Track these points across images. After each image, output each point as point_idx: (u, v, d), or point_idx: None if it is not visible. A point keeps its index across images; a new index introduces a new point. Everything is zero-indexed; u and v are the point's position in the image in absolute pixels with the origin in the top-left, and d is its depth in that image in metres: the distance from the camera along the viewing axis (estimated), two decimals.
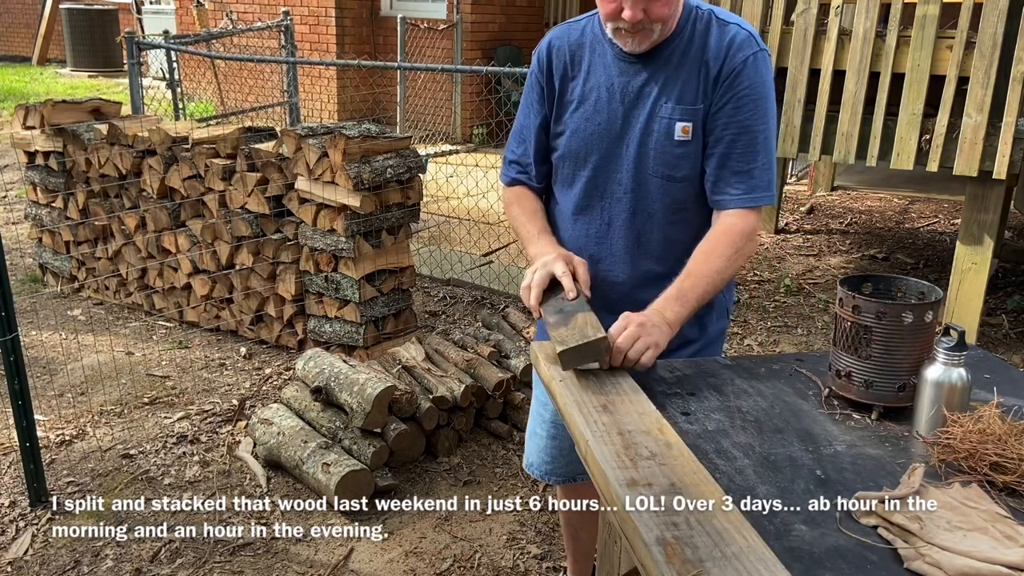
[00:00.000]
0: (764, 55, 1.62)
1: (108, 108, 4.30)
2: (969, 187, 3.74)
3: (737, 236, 1.62)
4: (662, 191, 1.67)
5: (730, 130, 1.61)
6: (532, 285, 1.60)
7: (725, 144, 1.62)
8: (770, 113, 1.64)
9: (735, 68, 1.59)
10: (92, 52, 12.24)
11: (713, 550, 1.04)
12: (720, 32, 1.62)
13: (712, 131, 1.63)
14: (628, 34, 1.59)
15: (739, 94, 1.60)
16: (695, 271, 1.59)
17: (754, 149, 1.62)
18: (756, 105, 1.61)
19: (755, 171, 1.62)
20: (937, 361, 1.35)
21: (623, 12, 1.55)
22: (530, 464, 2.03)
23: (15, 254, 4.86)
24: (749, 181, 1.62)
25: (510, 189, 1.86)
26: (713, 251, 1.61)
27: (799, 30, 3.89)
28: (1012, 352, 3.96)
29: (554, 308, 1.58)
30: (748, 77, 1.60)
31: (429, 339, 3.48)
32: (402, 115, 7.87)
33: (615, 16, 1.57)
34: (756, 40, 1.62)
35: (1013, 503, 1.17)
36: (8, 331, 2.54)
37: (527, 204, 1.82)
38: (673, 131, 1.63)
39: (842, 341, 1.45)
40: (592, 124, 1.69)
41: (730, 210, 1.64)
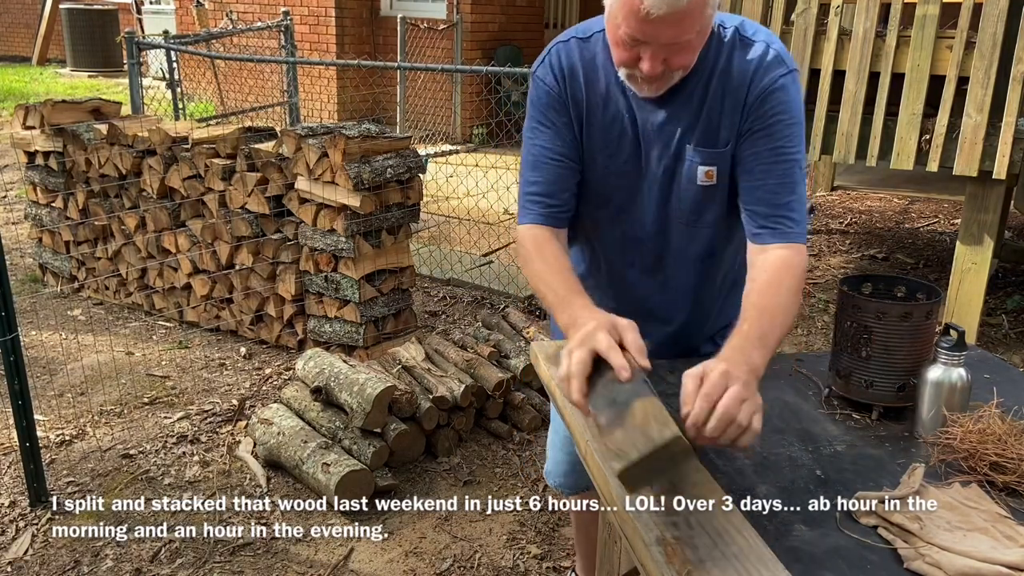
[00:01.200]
0: (794, 76, 1.47)
1: (108, 108, 4.30)
2: (969, 187, 3.74)
3: (799, 270, 1.43)
4: (688, 235, 1.57)
5: (765, 160, 1.46)
6: (571, 375, 1.22)
7: (760, 175, 1.46)
8: (802, 140, 1.49)
9: (763, 92, 1.44)
10: (92, 52, 12.24)
11: (713, 550, 1.04)
12: (743, 53, 1.45)
13: (742, 161, 1.48)
14: (644, 82, 1.41)
15: (769, 120, 1.45)
16: (769, 308, 1.34)
17: (792, 179, 1.46)
18: (790, 130, 1.46)
19: (794, 204, 1.46)
20: (937, 361, 1.35)
21: (641, 63, 1.37)
22: (548, 472, 2.01)
23: (15, 254, 4.86)
24: (792, 214, 1.45)
25: (529, 234, 1.55)
26: (780, 286, 1.39)
27: (799, 30, 3.89)
28: (1012, 352, 3.96)
29: (605, 401, 1.19)
30: (779, 102, 1.45)
31: (429, 339, 3.48)
32: (402, 115, 7.87)
33: (631, 65, 1.39)
34: (784, 59, 1.47)
35: (1013, 503, 1.17)
36: (8, 331, 2.54)
37: (551, 257, 1.51)
38: (696, 175, 1.50)
39: (842, 341, 1.45)
40: (614, 163, 1.53)
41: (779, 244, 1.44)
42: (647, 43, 1.33)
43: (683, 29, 1.32)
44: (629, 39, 1.34)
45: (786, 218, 1.45)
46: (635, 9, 1.29)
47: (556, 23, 10.15)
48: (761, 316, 1.32)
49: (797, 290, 1.40)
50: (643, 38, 1.33)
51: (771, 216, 1.45)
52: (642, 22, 1.30)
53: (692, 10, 1.30)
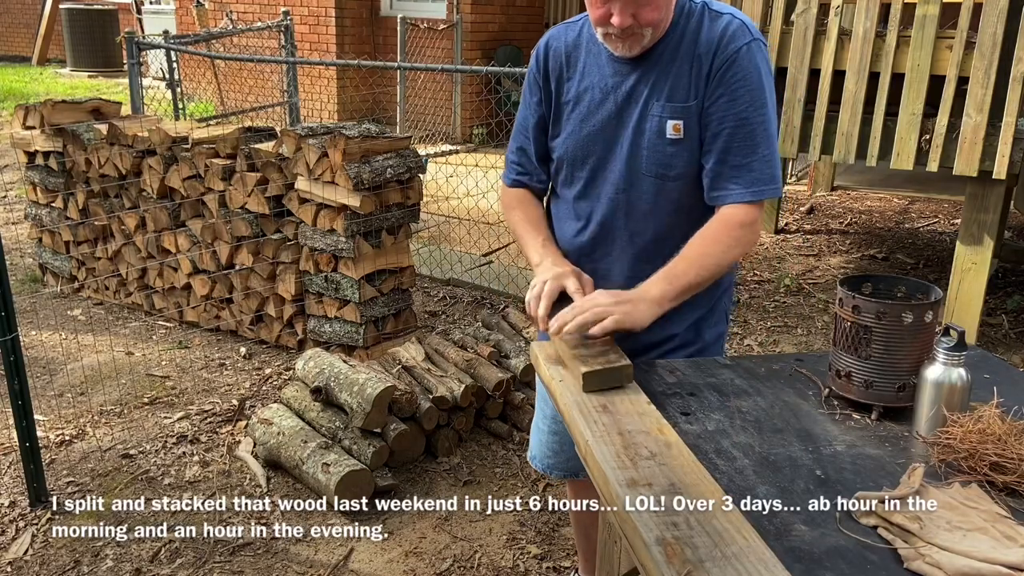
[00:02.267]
0: (758, 44, 1.58)
1: (108, 108, 4.30)
2: (969, 187, 3.74)
3: (736, 226, 1.58)
4: (656, 190, 1.65)
5: (726, 124, 1.57)
6: (543, 295, 1.56)
7: (722, 139, 1.58)
8: (768, 103, 1.59)
9: (727, 59, 1.55)
10: (92, 52, 12.25)
11: (713, 550, 1.04)
12: (711, 23, 1.58)
13: (708, 126, 1.59)
14: (618, 39, 1.56)
15: (733, 86, 1.55)
16: (688, 255, 1.56)
17: (753, 141, 1.57)
18: (752, 96, 1.56)
19: (755, 163, 1.57)
20: (937, 361, 1.35)
21: (612, 18, 1.52)
22: (533, 457, 2.03)
23: (15, 254, 4.86)
24: (749, 174, 1.58)
25: (511, 191, 1.83)
26: (709, 238, 1.58)
27: (799, 30, 3.89)
28: (1012, 352, 3.96)
29: None
30: (741, 68, 1.55)
31: (429, 339, 3.48)
32: (402, 115, 7.87)
33: (604, 21, 1.54)
34: (749, 29, 1.58)
35: (1013, 503, 1.17)
36: (8, 331, 2.54)
37: (529, 210, 1.79)
38: (664, 129, 1.60)
39: (842, 341, 1.45)
40: (587, 126, 1.68)
41: (731, 203, 1.59)
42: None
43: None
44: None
45: (740, 178, 1.58)
46: None
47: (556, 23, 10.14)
48: (678, 261, 1.56)
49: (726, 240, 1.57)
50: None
51: (724, 176, 1.59)
52: None
53: None
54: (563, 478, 2.03)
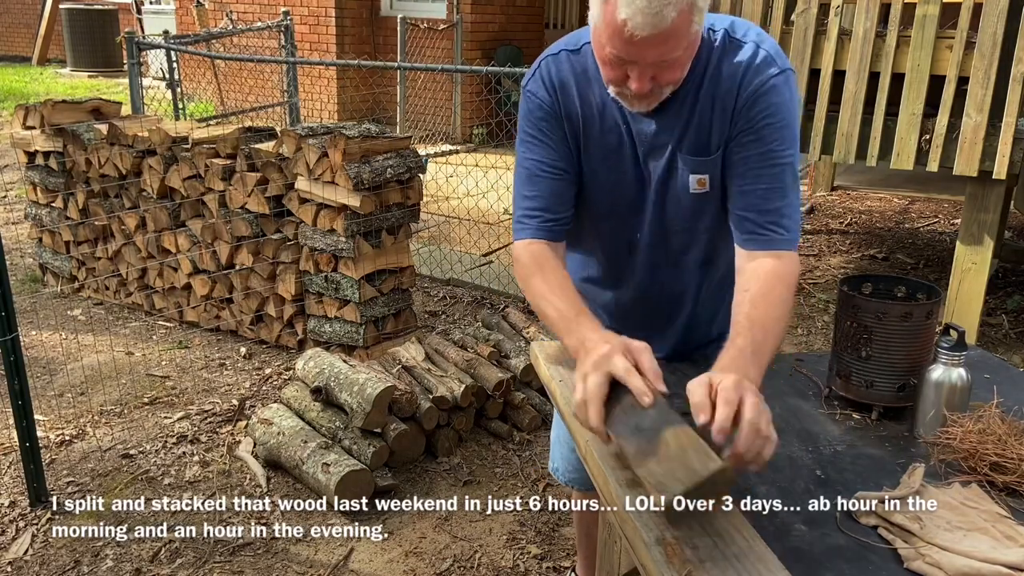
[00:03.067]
0: (786, 76, 1.42)
1: (108, 108, 4.30)
2: (969, 187, 3.74)
3: (790, 279, 1.40)
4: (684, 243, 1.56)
5: (754, 164, 1.42)
6: (588, 400, 1.20)
7: (749, 179, 1.43)
8: (795, 143, 1.45)
9: (751, 97, 1.40)
10: (92, 52, 12.24)
11: (713, 550, 1.04)
12: (732, 56, 1.42)
13: (733, 166, 1.45)
14: (634, 98, 1.39)
15: (758, 124, 1.41)
16: (761, 320, 1.32)
17: (783, 183, 1.43)
18: (780, 134, 1.41)
19: (785, 209, 1.43)
20: (937, 361, 1.35)
21: (629, 82, 1.35)
22: (555, 469, 2.00)
23: (15, 254, 4.86)
24: (783, 220, 1.42)
25: (527, 251, 1.54)
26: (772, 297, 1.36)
27: (799, 30, 3.89)
28: (1012, 352, 3.96)
29: (629, 428, 1.16)
30: (768, 103, 1.40)
31: (429, 339, 3.48)
32: (402, 115, 7.87)
33: (620, 83, 1.37)
34: (774, 59, 1.41)
35: (1013, 503, 1.17)
36: (8, 331, 2.54)
37: (551, 274, 1.49)
38: (688, 184, 1.48)
39: (842, 341, 1.45)
40: (616, 173, 1.52)
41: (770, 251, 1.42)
42: (634, 62, 1.31)
43: (669, 47, 1.29)
44: (615, 59, 1.32)
45: (775, 224, 1.42)
46: (619, 31, 1.26)
47: (556, 23, 10.15)
48: (754, 328, 1.29)
49: (789, 299, 1.38)
50: (629, 58, 1.30)
51: (760, 223, 1.42)
52: (627, 43, 1.27)
53: (677, 28, 1.26)
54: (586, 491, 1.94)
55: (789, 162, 1.43)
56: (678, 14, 1.25)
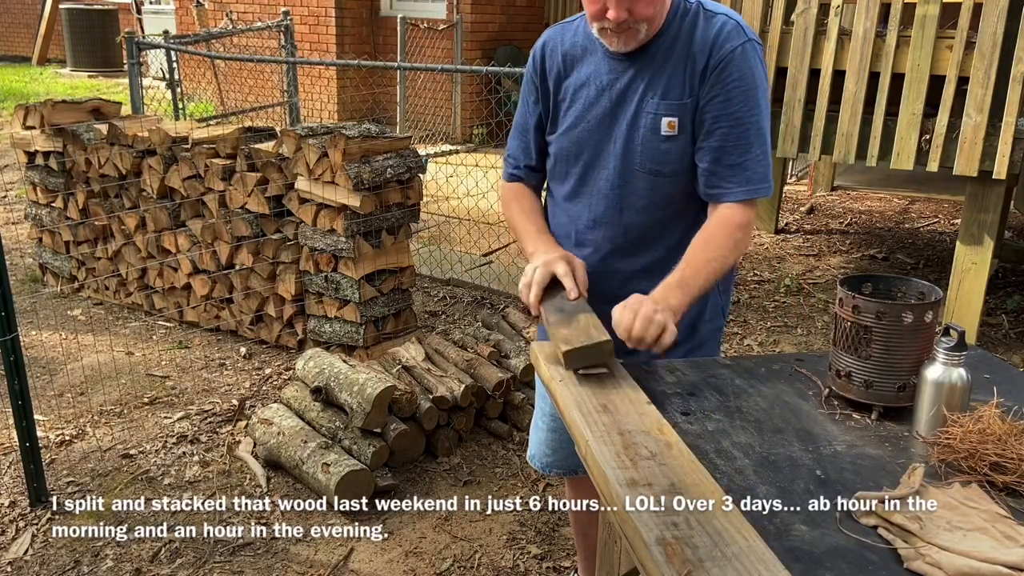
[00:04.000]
0: (753, 45, 1.60)
1: (108, 108, 4.30)
2: (969, 187, 3.74)
3: (735, 228, 1.61)
4: (650, 186, 1.67)
5: (721, 123, 1.60)
6: (533, 283, 1.61)
7: (717, 138, 1.60)
8: (762, 103, 1.62)
9: (722, 59, 1.58)
10: (92, 52, 12.24)
11: (713, 550, 1.04)
12: (706, 24, 1.61)
13: (702, 125, 1.61)
14: (613, 34, 1.58)
15: (728, 86, 1.58)
16: (694, 260, 1.58)
17: (747, 140, 1.60)
18: (746, 96, 1.59)
19: (749, 163, 1.60)
20: (937, 361, 1.35)
21: (607, 12, 1.55)
22: (532, 456, 2.04)
23: (15, 254, 4.86)
24: (743, 174, 1.61)
25: (508, 186, 1.87)
26: (711, 241, 1.60)
27: (799, 30, 3.89)
28: (1012, 352, 3.96)
29: (555, 307, 1.57)
30: (736, 68, 1.58)
31: (429, 339, 3.48)
32: (402, 115, 7.87)
33: (600, 16, 1.57)
34: (744, 30, 1.61)
35: (1013, 503, 1.17)
36: (8, 331, 2.54)
37: (525, 203, 1.83)
38: (659, 126, 1.63)
39: (842, 341, 1.45)
40: (582, 123, 1.70)
41: (726, 203, 1.63)
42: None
43: None
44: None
45: (735, 176, 1.61)
46: None
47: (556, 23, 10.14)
48: (686, 266, 1.58)
49: (728, 244, 1.60)
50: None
51: (722, 175, 1.61)
52: None
53: None
54: (562, 475, 2.04)
55: (753, 122, 1.60)
56: None
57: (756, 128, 1.61)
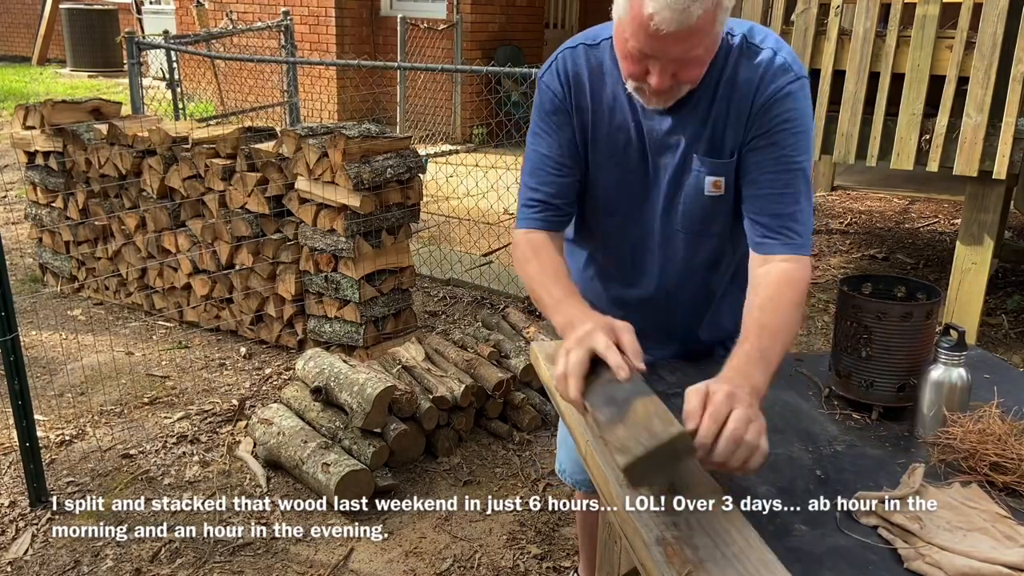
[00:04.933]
0: (802, 83, 1.45)
1: (108, 108, 4.30)
2: (969, 187, 3.74)
3: (801, 284, 1.41)
4: (693, 244, 1.55)
5: (769, 169, 1.43)
6: (568, 373, 1.24)
7: (765, 185, 1.44)
8: (809, 149, 1.46)
9: (766, 102, 1.42)
10: (92, 52, 12.24)
11: (713, 550, 1.04)
12: (750, 61, 1.43)
13: (747, 172, 1.46)
14: (652, 95, 1.39)
15: (774, 130, 1.42)
16: (770, 325, 1.32)
17: (796, 189, 1.43)
18: (796, 139, 1.43)
19: (799, 214, 1.43)
20: (937, 361, 1.35)
21: (649, 77, 1.35)
22: (562, 471, 2.00)
23: (15, 254, 4.86)
24: (796, 225, 1.43)
25: (525, 238, 1.55)
26: (782, 301, 1.37)
27: (799, 30, 3.89)
28: (1012, 352, 3.96)
29: (603, 398, 1.20)
30: (784, 109, 1.42)
31: (429, 339, 3.48)
32: (402, 115, 7.87)
33: (639, 78, 1.37)
34: (791, 67, 1.44)
35: (1013, 503, 1.18)
36: (8, 331, 2.54)
37: (547, 260, 1.51)
38: (703, 186, 1.48)
39: (842, 341, 1.45)
40: (622, 170, 1.53)
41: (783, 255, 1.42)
42: (656, 58, 1.32)
43: (692, 44, 1.30)
44: (638, 53, 1.32)
45: (789, 229, 1.42)
46: (644, 25, 1.27)
47: (556, 23, 10.15)
48: (762, 334, 1.30)
49: (799, 304, 1.38)
50: (652, 53, 1.31)
51: (773, 227, 1.43)
52: (651, 37, 1.28)
53: (702, 26, 1.28)
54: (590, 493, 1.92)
55: (802, 168, 1.43)
56: (704, 12, 1.26)
57: (804, 175, 1.45)
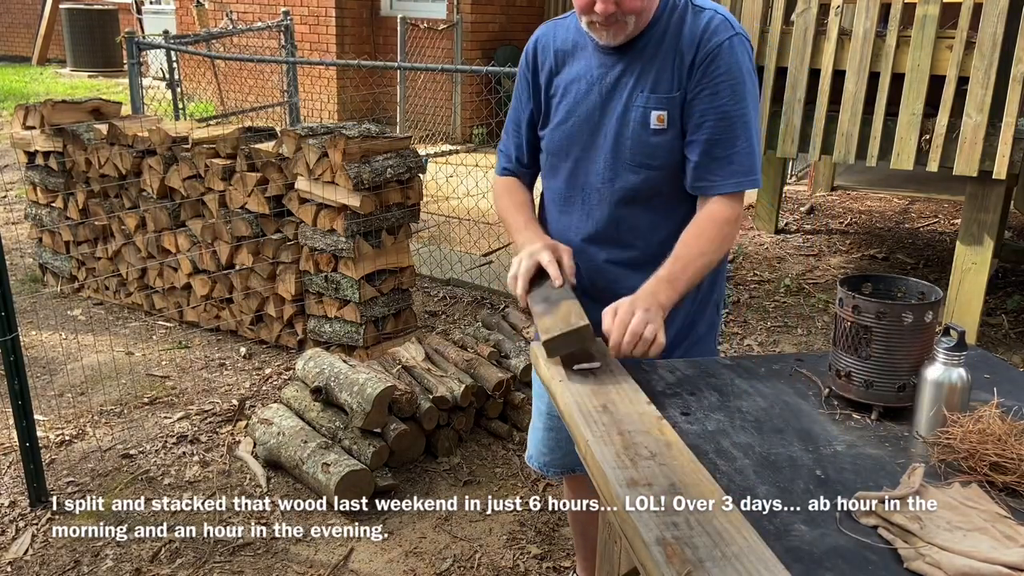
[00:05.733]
0: (740, 39, 1.62)
1: (108, 108, 4.30)
2: (969, 187, 3.74)
3: (723, 222, 1.62)
4: (640, 180, 1.68)
5: (708, 116, 1.60)
6: (519, 274, 1.64)
7: (704, 131, 1.61)
8: (749, 97, 1.62)
9: (709, 53, 1.59)
10: (92, 52, 12.25)
11: (713, 550, 1.04)
12: (694, 18, 1.62)
13: (690, 118, 1.62)
14: (602, 27, 1.59)
15: (715, 79, 1.59)
16: (683, 255, 1.59)
17: (733, 133, 1.61)
18: (733, 89, 1.60)
19: (735, 156, 1.61)
20: (937, 361, 1.35)
21: (595, 5, 1.55)
22: (530, 456, 2.05)
23: (15, 254, 4.86)
24: (730, 167, 1.62)
25: (500, 180, 1.90)
26: (700, 236, 1.62)
27: (799, 30, 3.89)
28: (1012, 352, 3.96)
29: (540, 297, 1.60)
30: (723, 62, 1.59)
31: (429, 339, 3.48)
32: (402, 115, 7.87)
33: (588, 9, 1.57)
34: (731, 24, 1.62)
35: (1013, 503, 1.17)
36: (8, 331, 2.54)
37: (515, 195, 1.86)
38: (648, 120, 1.63)
39: (842, 341, 1.45)
40: (572, 117, 1.71)
41: (714, 196, 1.64)
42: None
43: None
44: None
45: (720, 171, 1.62)
46: None
47: None
48: (675, 262, 1.59)
49: (716, 238, 1.62)
50: None
51: (706, 168, 1.62)
52: None
53: None
54: (559, 475, 2.04)
55: (740, 115, 1.61)
56: None
57: (743, 121, 1.61)
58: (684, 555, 1.03)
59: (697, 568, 1.01)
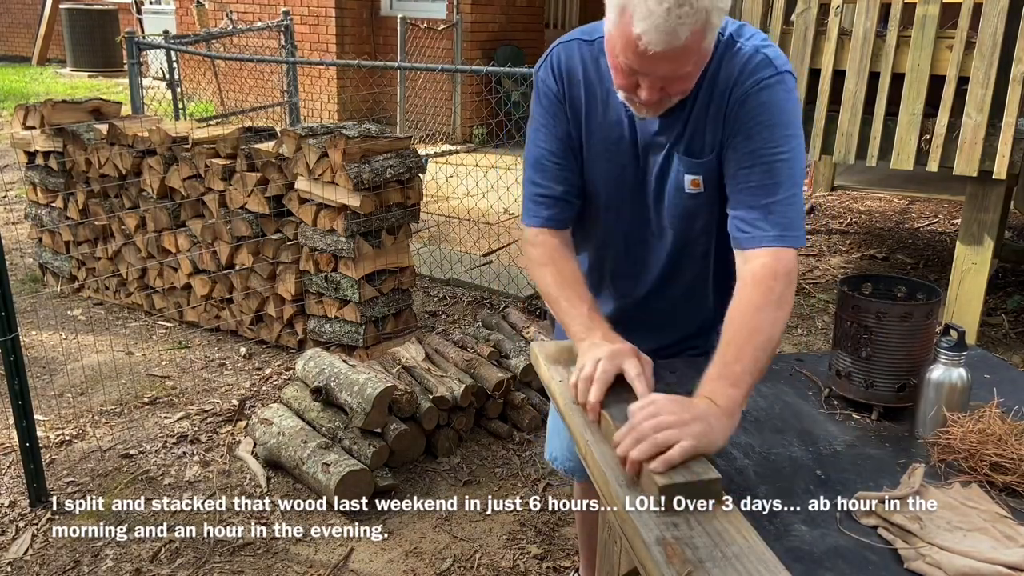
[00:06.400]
0: (782, 77, 1.42)
1: (108, 108, 4.30)
2: (969, 187, 3.74)
3: (771, 280, 1.36)
4: (683, 240, 1.58)
5: (744, 164, 1.42)
6: (595, 379, 1.31)
7: (740, 179, 1.43)
8: (791, 142, 1.42)
9: (742, 97, 1.41)
10: (92, 52, 12.24)
11: (713, 550, 1.04)
12: (731, 59, 1.42)
13: (727, 169, 1.46)
14: (643, 106, 1.40)
15: (748, 124, 1.41)
16: (737, 339, 1.32)
17: (774, 181, 1.41)
18: (770, 132, 1.40)
19: (775, 206, 1.40)
20: (937, 361, 1.35)
21: (639, 91, 1.36)
22: (553, 458, 1.99)
23: (15, 254, 4.86)
24: (770, 217, 1.40)
25: (539, 239, 1.57)
26: (748, 307, 1.35)
27: (799, 30, 3.89)
28: (1012, 352, 3.96)
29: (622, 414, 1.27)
30: (756, 103, 1.41)
31: (429, 339, 3.48)
32: (402, 115, 7.87)
33: (630, 90, 1.38)
34: (772, 61, 1.42)
35: (1013, 503, 1.18)
36: (8, 331, 2.54)
37: (564, 269, 1.54)
38: (683, 184, 1.50)
39: (842, 341, 1.45)
40: (616, 164, 1.54)
41: (754, 250, 1.40)
42: (645, 74, 1.33)
43: (681, 64, 1.31)
44: (627, 69, 1.34)
45: (765, 221, 1.40)
46: (632, 44, 1.27)
47: (556, 23, 10.15)
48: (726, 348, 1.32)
49: (781, 300, 1.35)
50: (640, 70, 1.32)
51: (748, 220, 1.41)
52: (639, 57, 1.29)
53: (690, 45, 1.28)
54: (583, 480, 1.96)
55: (780, 159, 1.41)
56: (691, 33, 1.26)
57: (785, 166, 1.42)
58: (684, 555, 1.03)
59: (697, 568, 1.01)
